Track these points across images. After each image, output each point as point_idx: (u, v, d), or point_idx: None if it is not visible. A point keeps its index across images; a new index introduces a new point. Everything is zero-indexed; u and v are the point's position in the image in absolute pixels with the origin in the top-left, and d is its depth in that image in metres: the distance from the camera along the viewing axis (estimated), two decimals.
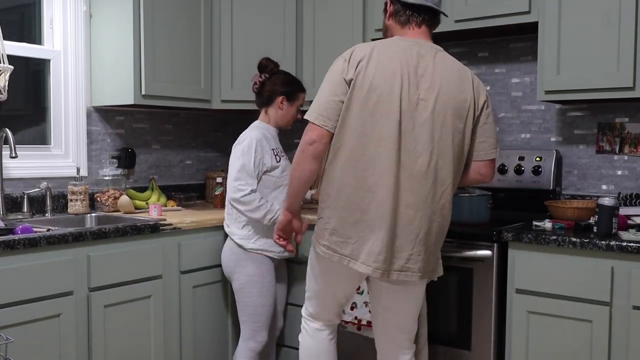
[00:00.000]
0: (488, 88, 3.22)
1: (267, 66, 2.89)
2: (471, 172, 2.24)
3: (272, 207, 2.71)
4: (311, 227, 2.40)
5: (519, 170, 2.99)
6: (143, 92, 3.02)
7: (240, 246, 2.77)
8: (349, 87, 2.09)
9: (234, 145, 2.82)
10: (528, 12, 2.71)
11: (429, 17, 2.20)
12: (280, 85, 2.85)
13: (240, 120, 4.02)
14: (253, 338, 2.78)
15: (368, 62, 2.09)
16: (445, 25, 2.93)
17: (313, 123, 2.11)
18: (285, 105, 2.85)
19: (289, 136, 3.51)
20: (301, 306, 2.44)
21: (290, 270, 3.05)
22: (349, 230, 2.12)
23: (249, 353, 2.78)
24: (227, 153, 3.97)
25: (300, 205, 2.35)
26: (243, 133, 2.84)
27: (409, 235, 2.09)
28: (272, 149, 2.81)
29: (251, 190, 2.69)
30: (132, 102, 3.02)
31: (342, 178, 2.11)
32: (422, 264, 2.12)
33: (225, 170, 3.80)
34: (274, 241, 2.41)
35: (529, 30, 2.86)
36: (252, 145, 2.73)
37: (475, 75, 2.21)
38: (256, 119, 2.92)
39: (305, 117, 2.15)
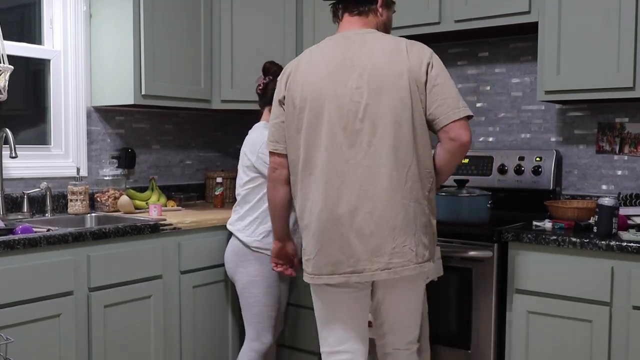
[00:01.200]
0: (488, 88, 3.23)
1: (270, 69, 2.92)
2: (443, 142, 2.06)
3: None
4: None
5: (519, 171, 2.99)
6: (143, 92, 3.02)
7: (245, 245, 2.75)
8: (283, 106, 2.16)
9: (247, 146, 2.78)
10: (528, 12, 2.71)
11: (347, 4, 2.16)
12: None
13: (240, 120, 4.03)
14: (258, 339, 2.77)
15: (295, 74, 2.13)
16: (445, 25, 2.94)
17: (270, 151, 2.21)
18: None
19: None
20: (303, 306, 2.45)
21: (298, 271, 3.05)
22: (311, 246, 2.10)
23: (253, 354, 2.77)
24: (227, 153, 3.99)
25: (288, 230, 2.37)
26: (254, 134, 2.81)
27: (385, 229, 2.00)
28: None
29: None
30: (132, 102, 3.02)
31: (302, 194, 2.13)
32: (409, 255, 2.02)
33: (225, 170, 3.80)
34: (272, 269, 2.48)
35: (529, 30, 2.86)
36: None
37: (417, 43, 2.09)
38: (256, 119, 2.92)
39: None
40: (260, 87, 2.91)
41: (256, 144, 2.73)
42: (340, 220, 2.02)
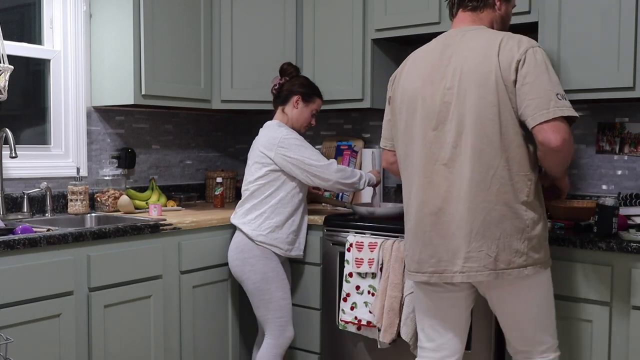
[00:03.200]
0: None
1: (287, 70, 2.98)
2: (537, 145, 1.95)
3: (355, 169, 2.86)
4: None
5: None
6: (143, 92, 3.02)
7: (250, 238, 2.76)
8: (389, 105, 2.24)
9: (262, 143, 2.79)
10: (528, 12, 2.71)
11: (459, 1, 2.14)
12: (298, 85, 2.92)
13: (240, 120, 4.03)
14: (282, 335, 2.76)
15: (401, 73, 2.19)
16: (446, 25, 2.94)
17: (381, 147, 2.36)
18: (301, 105, 2.90)
19: None
20: (304, 306, 2.44)
21: (293, 270, 3.05)
22: (406, 242, 2.17)
23: (278, 351, 2.76)
24: (227, 153, 3.99)
25: None
26: (269, 132, 2.81)
27: (463, 231, 1.98)
28: None
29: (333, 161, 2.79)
30: (132, 102, 3.02)
31: (403, 191, 2.20)
32: (485, 260, 1.96)
33: (225, 170, 3.80)
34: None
35: (529, 30, 2.86)
36: (297, 137, 2.80)
37: (515, 38, 1.98)
38: (256, 119, 2.93)
39: None
40: (276, 87, 2.95)
41: (274, 139, 2.76)
42: (425, 220, 2.05)
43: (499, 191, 1.94)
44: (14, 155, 2.69)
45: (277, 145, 2.74)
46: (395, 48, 3.39)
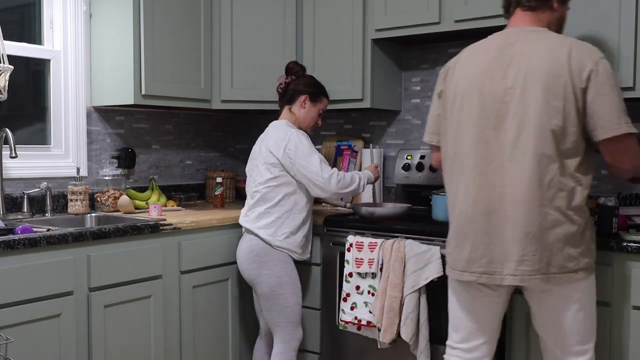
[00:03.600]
0: None
1: (293, 69, 2.94)
2: (606, 163, 2.02)
3: (354, 174, 2.80)
4: None
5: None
6: (143, 92, 3.02)
7: (267, 243, 2.72)
8: (439, 99, 2.20)
9: (271, 143, 2.75)
10: None
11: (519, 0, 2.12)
12: (304, 85, 2.88)
13: (240, 120, 4.03)
14: (294, 337, 2.75)
15: (454, 68, 2.15)
16: (445, 25, 2.94)
17: (426, 141, 2.33)
18: (308, 105, 2.86)
19: None
20: (306, 307, 2.44)
21: (298, 271, 3.04)
22: (452, 240, 2.14)
23: (292, 354, 2.75)
24: (228, 153, 3.99)
25: None
26: (278, 132, 2.77)
27: (518, 234, 1.97)
28: None
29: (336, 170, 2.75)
30: (132, 102, 3.02)
31: (449, 187, 2.17)
32: (538, 264, 1.96)
33: (225, 170, 3.80)
34: None
35: None
36: (307, 140, 2.76)
37: (585, 46, 2.00)
38: (256, 119, 2.92)
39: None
40: (282, 86, 2.92)
41: (282, 140, 2.72)
42: (477, 219, 2.03)
43: (555, 196, 1.95)
44: (14, 155, 2.68)
45: (285, 147, 2.70)
46: (395, 48, 3.39)
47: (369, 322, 2.71)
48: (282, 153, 2.70)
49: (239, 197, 3.81)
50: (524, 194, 1.96)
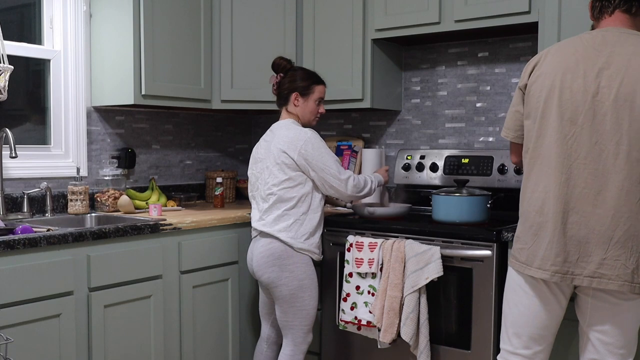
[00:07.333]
0: (488, 88, 3.23)
1: (280, 64, 2.84)
2: None
3: (367, 178, 2.79)
4: None
5: (519, 170, 2.98)
6: (143, 92, 3.02)
7: (289, 245, 2.66)
8: (524, 94, 2.14)
9: (283, 144, 2.68)
10: (528, 12, 2.71)
11: (621, 2, 2.06)
12: (290, 82, 2.80)
13: (240, 120, 4.03)
14: (305, 340, 2.73)
15: (542, 63, 2.09)
16: (445, 25, 2.95)
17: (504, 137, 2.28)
18: (300, 101, 2.79)
19: None
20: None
21: None
22: (526, 236, 2.08)
23: (300, 356, 2.73)
24: (228, 153, 3.99)
25: None
26: (289, 132, 2.71)
27: (600, 237, 1.93)
28: None
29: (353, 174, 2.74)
30: (132, 102, 3.02)
31: (526, 183, 2.12)
32: (621, 270, 1.91)
33: (225, 170, 3.80)
34: None
35: (529, 30, 2.86)
36: (321, 140, 2.74)
37: None
38: (256, 119, 2.91)
39: None
40: (275, 87, 2.85)
41: (296, 140, 2.66)
42: (557, 217, 1.99)
43: None
44: (14, 155, 2.69)
45: (301, 147, 2.65)
46: (396, 48, 3.39)
47: (369, 322, 2.71)
48: (297, 154, 2.64)
49: (239, 197, 3.81)
50: (614, 198, 1.92)
